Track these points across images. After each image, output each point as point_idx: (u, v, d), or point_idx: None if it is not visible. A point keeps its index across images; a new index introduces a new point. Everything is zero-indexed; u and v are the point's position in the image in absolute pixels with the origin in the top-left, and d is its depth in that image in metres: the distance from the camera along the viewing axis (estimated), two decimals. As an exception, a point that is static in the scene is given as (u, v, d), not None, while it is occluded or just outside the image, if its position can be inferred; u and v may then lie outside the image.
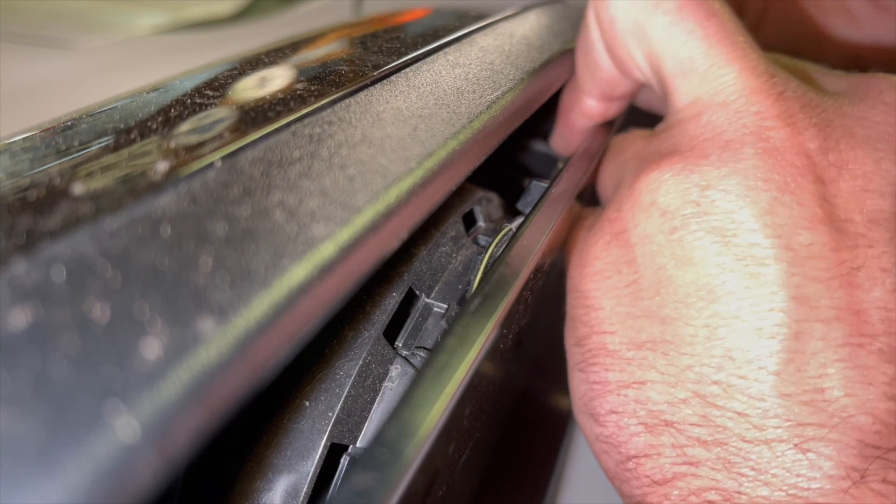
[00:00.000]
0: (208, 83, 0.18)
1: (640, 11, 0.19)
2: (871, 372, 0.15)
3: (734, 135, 0.17)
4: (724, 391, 0.16)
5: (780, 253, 0.15)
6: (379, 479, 0.11)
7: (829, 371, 0.15)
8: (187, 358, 0.08)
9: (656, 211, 0.17)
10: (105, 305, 0.09)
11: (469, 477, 0.20)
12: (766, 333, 0.15)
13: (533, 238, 0.18)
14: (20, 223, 0.10)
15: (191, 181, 0.12)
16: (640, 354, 0.17)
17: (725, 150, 0.17)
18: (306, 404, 0.16)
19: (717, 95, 0.18)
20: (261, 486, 0.16)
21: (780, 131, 0.16)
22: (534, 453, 0.31)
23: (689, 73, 0.18)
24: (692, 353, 0.16)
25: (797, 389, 0.15)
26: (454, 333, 0.14)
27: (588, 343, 0.19)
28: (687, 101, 0.19)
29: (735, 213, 0.16)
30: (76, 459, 0.07)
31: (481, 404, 0.17)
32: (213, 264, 0.10)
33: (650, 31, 0.19)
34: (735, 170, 0.16)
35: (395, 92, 0.17)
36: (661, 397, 0.17)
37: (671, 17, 0.18)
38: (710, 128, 0.17)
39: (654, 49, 0.19)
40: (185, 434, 0.08)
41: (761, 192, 0.16)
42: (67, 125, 0.16)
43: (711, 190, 0.17)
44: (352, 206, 0.12)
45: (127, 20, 0.52)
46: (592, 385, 0.18)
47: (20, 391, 0.07)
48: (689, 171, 0.17)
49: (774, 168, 0.16)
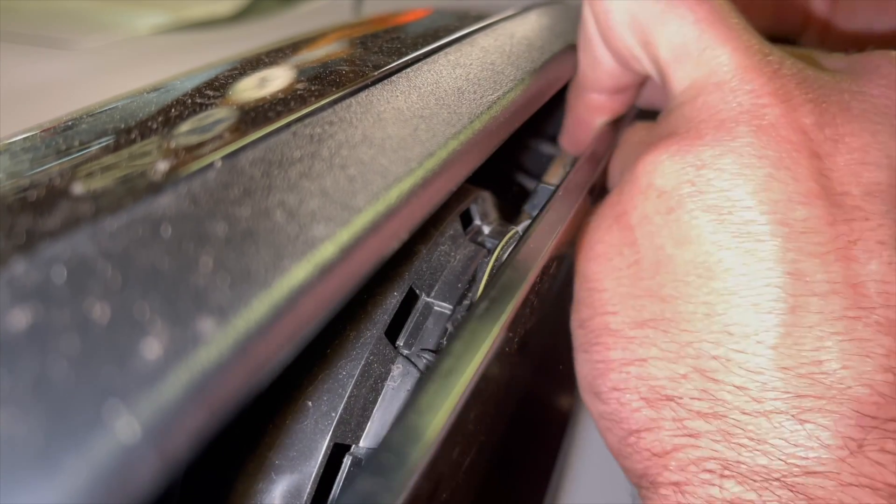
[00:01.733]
0: (208, 83, 0.18)
1: (633, 1, 0.19)
2: (868, 344, 0.15)
3: (729, 114, 0.17)
4: (723, 365, 0.16)
5: (775, 229, 0.16)
6: (384, 484, 0.11)
7: (826, 344, 0.15)
8: (187, 359, 0.08)
9: (654, 192, 0.18)
10: (105, 306, 0.09)
11: (472, 479, 0.20)
12: (762, 308, 0.16)
13: (540, 242, 0.18)
14: (20, 223, 0.10)
15: (191, 181, 0.12)
16: (641, 333, 0.18)
17: (720, 129, 0.17)
18: (309, 404, 0.16)
19: (712, 77, 0.18)
20: (263, 487, 0.16)
21: (775, 108, 0.17)
22: (535, 453, 0.31)
23: (684, 58, 0.18)
24: (692, 330, 0.16)
25: (794, 362, 0.15)
26: (461, 338, 0.14)
27: (591, 324, 0.19)
28: (683, 85, 0.19)
29: (730, 191, 0.16)
30: (76, 460, 0.07)
31: (485, 407, 0.17)
32: (214, 265, 0.10)
33: (644, 21, 0.19)
34: (730, 148, 0.17)
35: (396, 92, 0.17)
36: (662, 373, 0.17)
37: (663, 5, 0.19)
38: (705, 109, 0.18)
39: (648, 38, 0.19)
40: (186, 435, 0.08)
41: (756, 168, 0.16)
42: (67, 125, 0.16)
43: (706, 169, 0.17)
44: (352, 207, 0.12)
45: (127, 20, 0.52)
46: (596, 364, 0.19)
47: (20, 392, 0.07)
48: (684, 151, 0.17)
49: (769, 144, 0.16)
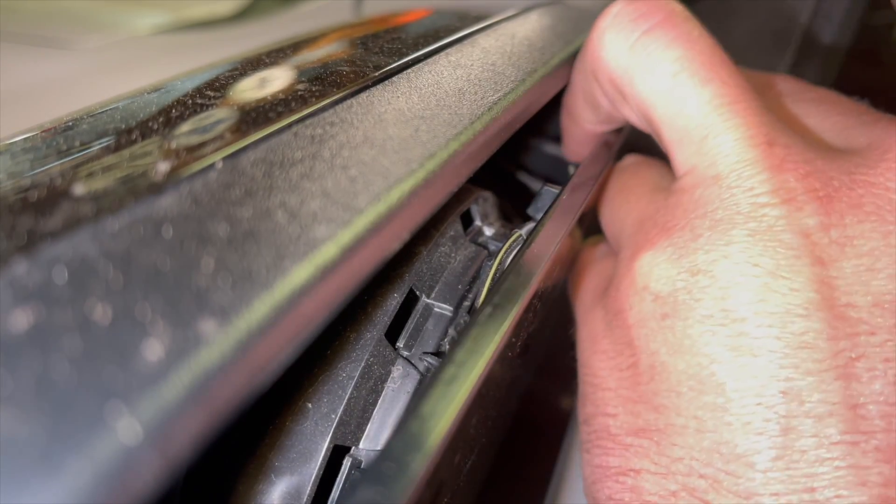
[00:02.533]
0: (209, 83, 0.18)
1: (637, 72, 0.18)
2: (866, 472, 0.14)
3: (725, 213, 0.16)
4: (712, 487, 0.15)
5: (770, 343, 0.15)
6: (385, 493, 0.11)
7: (819, 470, 0.14)
8: (189, 359, 0.08)
9: (649, 295, 0.17)
10: (107, 306, 0.09)
11: (471, 482, 0.20)
12: (754, 429, 0.15)
13: (545, 245, 0.17)
14: (21, 224, 0.10)
15: (192, 182, 0.12)
16: (636, 441, 0.17)
17: (715, 230, 0.16)
18: (309, 406, 0.16)
19: (711, 168, 0.17)
20: (263, 489, 0.16)
21: (776, 208, 0.15)
22: (534, 454, 0.31)
23: (686, 142, 0.18)
24: (682, 445, 0.16)
25: (785, 489, 0.14)
26: (464, 344, 0.14)
27: (594, 423, 0.19)
28: (685, 168, 0.18)
29: (725, 300, 0.15)
30: (77, 461, 0.07)
31: (487, 412, 0.17)
32: (215, 265, 0.10)
33: (645, 97, 0.18)
34: (724, 254, 0.16)
35: (397, 93, 0.17)
36: (653, 488, 0.16)
37: (667, 85, 0.18)
38: (702, 204, 0.17)
39: (651, 115, 0.18)
40: (187, 436, 0.08)
41: (751, 278, 0.15)
42: (68, 125, 0.16)
43: (701, 276, 0.16)
44: (353, 208, 0.12)
45: (127, 20, 0.52)
46: (595, 468, 0.18)
47: (22, 392, 0.07)
48: (679, 255, 0.17)
49: (766, 251, 0.15)
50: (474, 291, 0.20)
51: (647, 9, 0.18)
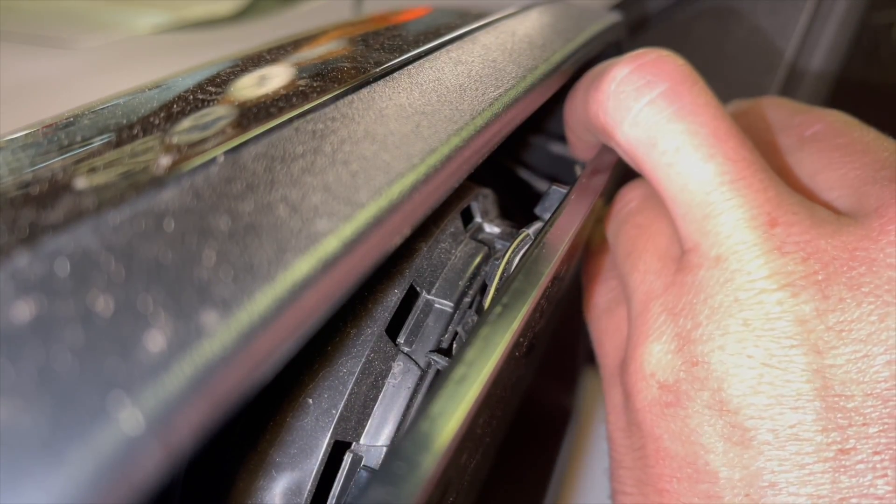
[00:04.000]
0: (210, 80, 0.18)
1: (640, 146, 0.18)
2: None
3: (724, 299, 0.16)
4: None
5: (759, 436, 0.15)
6: (396, 493, 0.11)
7: None
8: (191, 351, 0.08)
9: (655, 383, 0.17)
10: (109, 298, 0.09)
11: (476, 480, 0.20)
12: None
13: (553, 246, 0.17)
14: (23, 217, 0.10)
15: (194, 176, 0.12)
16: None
17: (712, 319, 0.16)
18: (309, 402, 0.16)
19: (713, 248, 0.17)
20: (264, 484, 0.16)
21: (773, 294, 0.15)
22: (536, 452, 0.31)
23: (689, 219, 0.17)
24: None
25: None
26: (473, 344, 0.14)
27: (616, 499, 0.19)
28: (689, 244, 0.17)
29: (720, 391, 0.16)
30: (79, 451, 0.07)
31: (493, 411, 0.17)
32: (217, 258, 0.10)
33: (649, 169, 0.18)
34: (720, 345, 0.16)
35: (398, 88, 0.17)
36: None
37: (669, 160, 0.17)
38: (704, 287, 0.17)
39: (656, 187, 0.18)
40: (189, 426, 0.08)
41: (745, 369, 0.15)
42: (69, 121, 0.16)
43: (699, 367, 0.16)
44: (355, 202, 0.12)
45: (127, 20, 0.52)
46: None
47: (24, 383, 0.07)
48: (680, 345, 0.17)
49: (759, 342, 0.15)
50: (475, 288, 0.20)
51: (651, 76, 0.18)
